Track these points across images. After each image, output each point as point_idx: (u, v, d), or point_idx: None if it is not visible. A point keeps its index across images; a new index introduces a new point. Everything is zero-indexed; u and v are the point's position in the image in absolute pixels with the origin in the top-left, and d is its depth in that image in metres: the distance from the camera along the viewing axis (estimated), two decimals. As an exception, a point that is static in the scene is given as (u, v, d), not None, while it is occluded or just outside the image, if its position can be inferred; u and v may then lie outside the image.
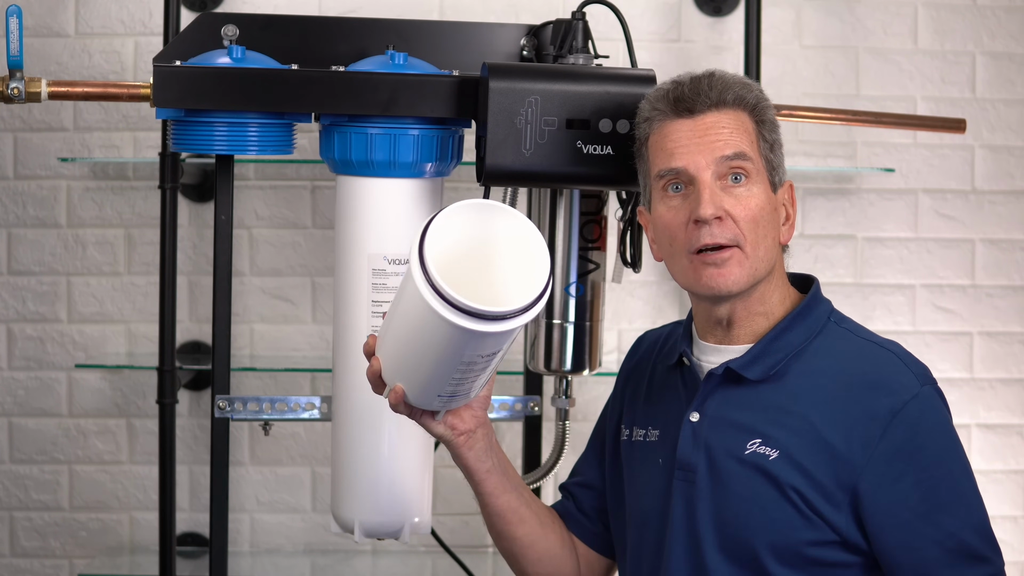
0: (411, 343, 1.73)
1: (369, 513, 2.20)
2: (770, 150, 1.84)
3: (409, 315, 1.70)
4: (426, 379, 1.77)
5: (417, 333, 1.70)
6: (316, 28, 2.31)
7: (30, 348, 2.98)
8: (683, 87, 1.84)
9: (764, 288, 1.84)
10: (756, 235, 1.80)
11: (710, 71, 1.86)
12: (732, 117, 1.82)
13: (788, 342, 1.82)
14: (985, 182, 3.08)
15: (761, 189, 1.82)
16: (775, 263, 1.84)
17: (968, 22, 3.05)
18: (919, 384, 1.78)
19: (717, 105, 1.82)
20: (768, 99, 1.88)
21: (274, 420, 2.48)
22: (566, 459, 2.41)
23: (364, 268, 2.17)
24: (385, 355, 1.81)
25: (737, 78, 1.86)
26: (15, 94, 2.23)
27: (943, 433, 1.79)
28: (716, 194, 1.80)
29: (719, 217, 1.79)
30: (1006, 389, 3.10)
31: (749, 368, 1.82)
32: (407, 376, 1.79)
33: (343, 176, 2.20)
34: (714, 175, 1.80)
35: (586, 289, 2.25)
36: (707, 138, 1.81)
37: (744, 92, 1.84)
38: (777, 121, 1.88)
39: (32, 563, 3.01)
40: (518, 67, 2.14)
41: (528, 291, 1.67)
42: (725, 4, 2.99)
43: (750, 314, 1.84)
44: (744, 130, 1.82)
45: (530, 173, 2.08)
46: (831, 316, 1.87)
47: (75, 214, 2.97)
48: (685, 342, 1.90)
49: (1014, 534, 3.10)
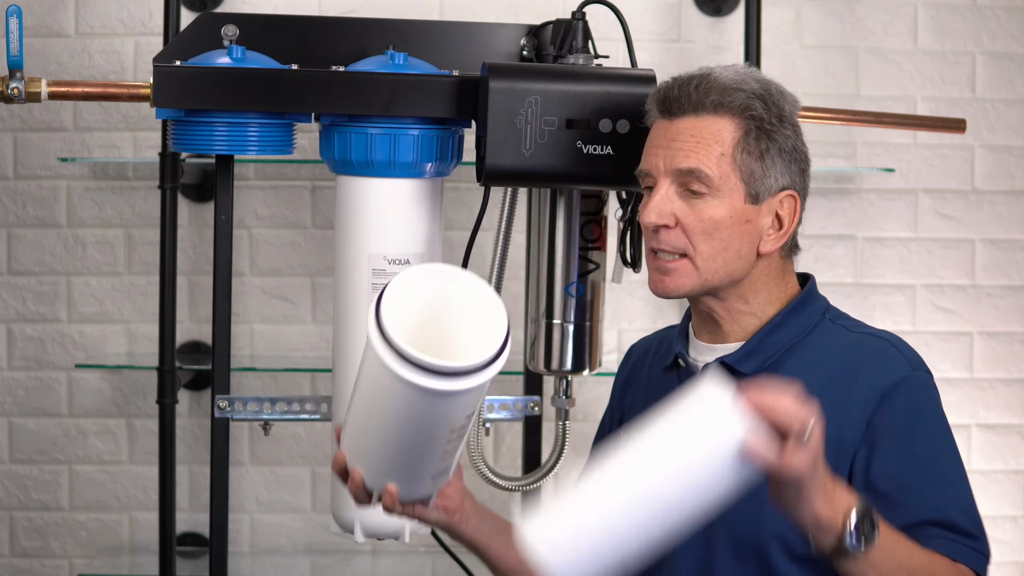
0: (393, 434, 1.66)
1: (369, 513, 2.20)
2: (757, 159, 1.78)
3: (386, 406, 1.63)
4: (416, 464, 1.71)
5: (400, 420, 1.63)
6: (316, 28, 2.31)
7: (30, 348, 2.98)
8: (673, 88, 1.81)
9: (740, 291, 1.82)
10: (711, 247, 1.78)
11: (708, 70, 1.81)
12: (707, 125, 1.78)
13: (782, 337, 1.82)
14: (985, 182, 3.08)
15: (722, 202, 1.77)
16: (746, 271, 1.81)
17: (968, 22, 3.05)
18: (911, 369, 1.78)
19: (695, 110, 1.78)
20: (776, 100, 1.81)
21: (274, 420, 2.48)
22: (566, 459, 2.41)
23: (364, 268, 2.17)
24: (366, 461, 1.73)
25: (730, 80, 1.80)
26: (15, 94, 2.23)
27: (932, 416, 1.78)
28: (667, 201, 1.78)
29: (666, 225, 1.78)
30: (1006, 389, 3.10)
31: (743, 363, 1.81)
32: (395, 470, 1.72)
33: (343, 176, 2.20)
34: (673, 182, 1.79)
35: (586, 289, 2.25)
36: (673, 144, 1.78)
37: (729, 97, 1.78)
38: (785, 127, 1.81)
39: (32, 563, 3.01)
40: (518, 67, 2.15)
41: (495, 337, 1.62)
42: (725, 4, 2.99)
43: (732, 313, 1.83)
44: (716, 140, 1.77)
45: (530, 173, 2.08)
46: (826, 313, 1.86)
47: (75, 214, 2.97)
48: (681, 343, 1.90)
49: (1014, 534, 3.10)
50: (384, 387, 1.61)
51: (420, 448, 1.68)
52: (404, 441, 1.67)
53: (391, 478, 1.73)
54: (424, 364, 1.56)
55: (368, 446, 1.72)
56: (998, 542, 3.11)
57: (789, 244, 1.85)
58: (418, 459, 1.71)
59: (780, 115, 1.81)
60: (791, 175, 1.81)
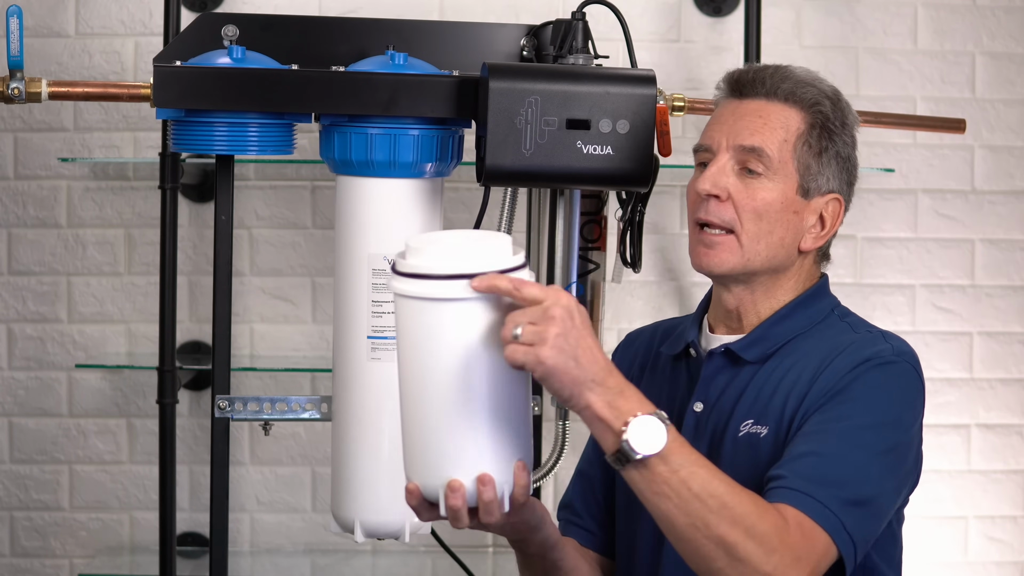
0: (463, 389, 1.51)
1: (369, 513, 2.20)
2: (815, 155, 1.81)
3: (420, 352, 1.51)
4: (505, 426, 1.52)
5: (465, 371, 1.49)
6: (316, 28, 2.31)
7: (30, 348, 2.98)
8: (748, 72, 1.84)
9: (773, 282, 1.84)
10: (758, 227, 1.80)
11: (786, 65, 1.85)
12: (776, 110, 1.81)
13: (788, 328, 1.83)
14: (985, 182, 3.08)
15: (776, 187, 1.80)
16: (785, 264, 1.83)
17: (968, 22, 3.05)
18: (892, 353, 1.77)
19: (768, 95, 1.82)
20: (841, 106, 1.83)
21: (274, 420, 2.48)
22: (566, 459, 2.41)
23: (364, 268, 2.17)
24: (429, 449, 1.53)
25: (806, 76, 1.84)
26: (15, 94, 2.23)
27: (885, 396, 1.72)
28: (724, 174, 1.80)
29: (718, 196, 1.79)
30: (1006, 389, 3.10)
31: (748, 350, 1.82)
32: (486, 448, 1.52)
33: (343, 176, 2.20)
34: (733, 158, 1.81)
35: (586, 289, 2.26)
36: (740, 122, 1.81)
37: (802, 90, 1.82)
38: (846, 134, 1.83)
39: (32, 563, 3.01)
40: (518, 67, 2.14)
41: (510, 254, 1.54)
42: (725, 4, 2.99)
43: (757, 305, 1.85)
44: (783, 126, 1.80)
45: (530, 173, 2.08)
46: (835, 310, 1.88)
47: (75, 214, 2.97)
48: (693, 332, 1.90)
49: (1014, 534, 3.10)
50: (415, 328, 1.52)
51: (505, 404, 1.53)
52: (476, 399, 1.51)
53: (480, 463, 1.53)
54: (440, 269, 1.51)
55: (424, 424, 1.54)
56: (998, 542, 3.11)
57: (824, 249, 1.88)
58: (506, 422, 1.53)
59: (844, 121, 1.84)
60: (840, 182, 1.85)
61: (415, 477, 1.57)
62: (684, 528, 1.56)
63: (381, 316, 2.15)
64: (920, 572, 3.04)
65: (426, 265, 1.53)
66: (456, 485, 1.55)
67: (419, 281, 1.52)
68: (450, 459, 1.54)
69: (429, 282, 1.52)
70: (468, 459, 1.54)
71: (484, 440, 1.54)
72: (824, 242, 1.86)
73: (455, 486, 1.55)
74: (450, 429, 1.53)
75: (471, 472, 1.55)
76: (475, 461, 1.54)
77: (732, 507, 1.56)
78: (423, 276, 1.52)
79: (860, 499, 1.66)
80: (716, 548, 1.56)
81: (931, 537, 3.07)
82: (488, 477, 1.55)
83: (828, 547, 1.63)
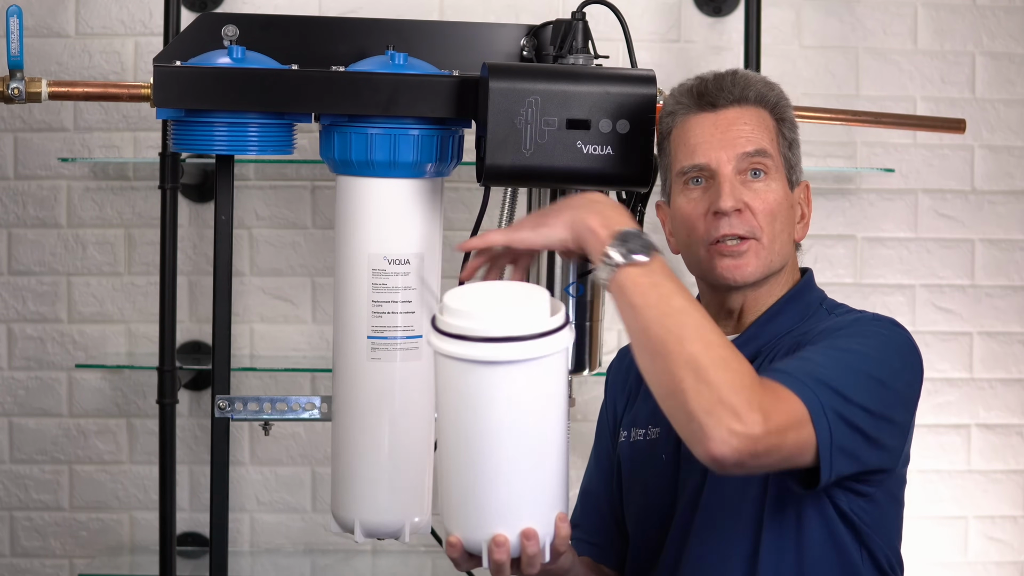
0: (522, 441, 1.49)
1: (369, 513, 2.20)
2: (788, 148, 1.88)
3: (463, 406, 1.50)
4: (546, 473, 1.51)
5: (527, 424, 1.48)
6: (316, 28, 2.31)
7: (30, 348, 2.98)
8: (707, 83, 1.88)
9: (774, 282, 1.88)
10: (774, 229, 1.83)
11: (733, 70, 1.90)
12: (753, 114, 1.86)
13: (780, 324, 1.86)
14: (985, 182, 3.08)
15: (779, 185, 1.85)
16: (789, 259, 1.88)
17: (968, 22, 3.05)
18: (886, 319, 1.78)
19: (739, 101, 1.86)
20: (788, 99, 1.91)
21: (274, 420, 2.48)
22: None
23: (364, 268, 2.17)
24: (489, 501, 1.50)
25: (759, 77, 1.90)
26: (15, 94, 2.22)
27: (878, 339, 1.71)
28: (736, 187, 1.83)
29: (738, 209, 1.82)
30: (1006, 389, 3.10)
31: (743, 349, 1.82)
32: (530, 503, 1.51)
33: (343, 176, 2.20)
34: (735, 170, 1.83)
35: (586, 289, 2.25)
36: (729, 133, 1.84)
37: (766, 91, 1.88)
38: (796, 121, 1.90)
39: (32, 563, 3.01)
40: (518, 67, 2.14)
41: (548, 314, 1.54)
42: (725, 4, 2.99)
43: (758, 303, 1.88)
44: (764, 127, 1.86)
45: (530, 173, 2.08)
46: (823, 303, 1.90)
47: (75, 214, 2.97)
48: None
49: (1014, 534, 3.10)
50: (456, 385, 1.51)
51: (546, 452, 1.52)
52: (524, 450, 1.50)
53: (524, 517, 1.52)
54: (482, 331, 1.51)
55: (465, 478, 1.52)
56: (998, 542, 3.11)
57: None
58: (548, 469, 1.53)
59: (792, 114, 1.92)
60: (801, 168, 1.91)
61: (457, 531, 1.56)
62: (658, 341, 1.53)
63: (381, 316, 2.15)
64: (920, 572, 3.04)
65: (474, 327, 1.51)
66: (501, 540, 1.53)
67: (467, 343, 1.50)
68: (495, 514, 1.53)
69: (478, 344, 1.50)
70: (512, 514, 1.53)
71: (528, 495, 1.53)
72: (807, 229, 1.91)
73: (500, 541, 1.54)
74: (496, 485, 1.52)
75: (515, 527, 1.53)
76: (519, 516, 1.53)
77: (709, 333, 1.54)
78: (471, 339, 1.50)
79: (843, 395, 1.62)
80: (685, 367, 1.51)
81: (931, 537, 3.07)
82: (532, 531, 1.54)
83: (802, 419, 1.56)
